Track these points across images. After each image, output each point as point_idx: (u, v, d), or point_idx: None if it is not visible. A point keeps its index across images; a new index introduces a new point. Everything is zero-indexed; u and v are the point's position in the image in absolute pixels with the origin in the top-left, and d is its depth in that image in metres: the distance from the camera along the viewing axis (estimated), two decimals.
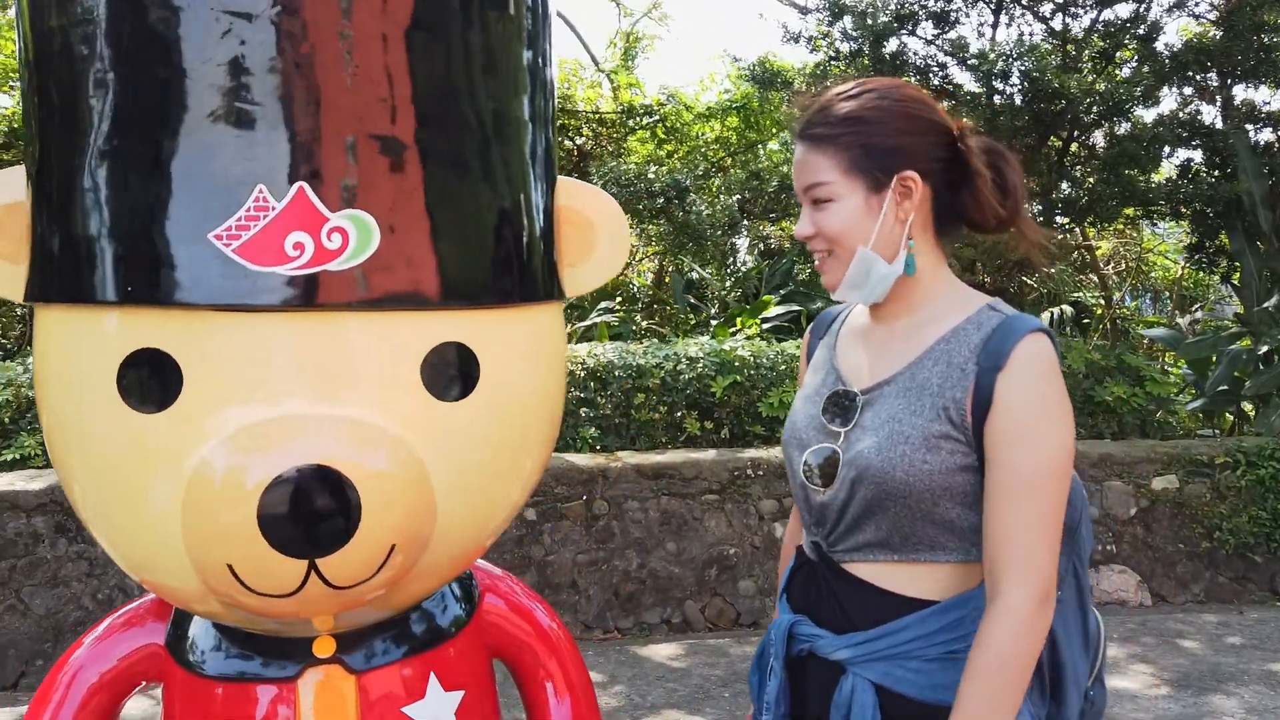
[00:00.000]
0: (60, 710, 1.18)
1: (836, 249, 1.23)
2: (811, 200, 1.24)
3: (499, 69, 1.14)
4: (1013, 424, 1.11)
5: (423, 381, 1.07)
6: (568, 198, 1.34)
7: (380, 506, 1.00)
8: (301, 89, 1.00)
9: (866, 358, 1.28)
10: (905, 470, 1.14)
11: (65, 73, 1.02)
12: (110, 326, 1.02)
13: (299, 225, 0.99)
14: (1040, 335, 1.14)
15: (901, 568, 1.18)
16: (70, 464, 1.07)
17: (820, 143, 1.23)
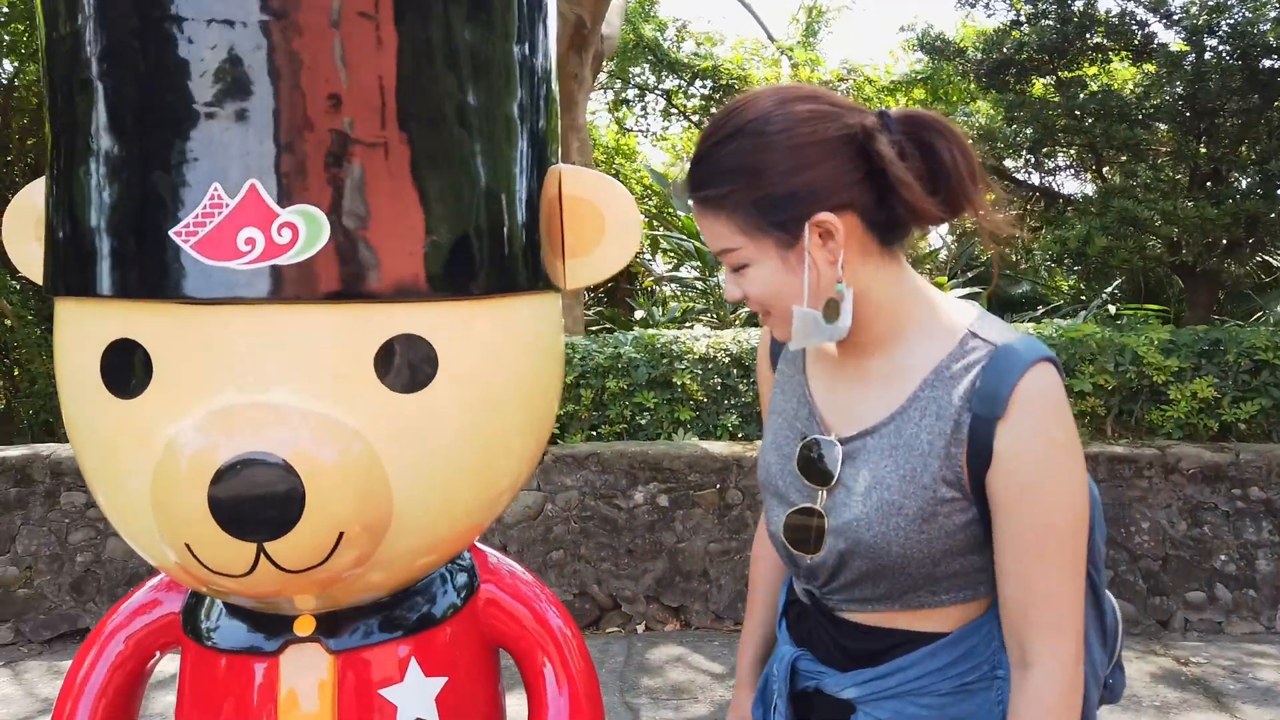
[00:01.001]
0: (91, 675, 1.29)
1: (771, 309, 1.07)
2: (729, 265, 1.09)
3: (460, 60, 1.13)
4: (1022, 479, 0.97)
5: (377, 373, 1.08)
6: (575, 187, 1.32)
7: (326, 495, 1.03)
8: (252, 88, 1.03)
9: (843, 394, 1.13)
10: (901, 545, 1.02)
11: (56, 77, 1.11)
12: (95, 317, 1.10)
13: (251, 221, 1.03)
14: (1042, 367, 0.99)
15: (903, 613, 1.08)
16: (77, 445, 1.17)
17: (709, 205, 1.06)
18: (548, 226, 1.29)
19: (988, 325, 1.06)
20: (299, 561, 1.05)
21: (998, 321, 1.08)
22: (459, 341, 1.13)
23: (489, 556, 1.43)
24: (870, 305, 1.06)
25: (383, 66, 1.07)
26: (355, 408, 1.07)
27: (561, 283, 1.33)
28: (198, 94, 1.03)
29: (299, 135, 1.04)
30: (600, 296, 10.40)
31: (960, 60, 6.50)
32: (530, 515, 4.14)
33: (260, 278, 1.03)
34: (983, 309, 1.11)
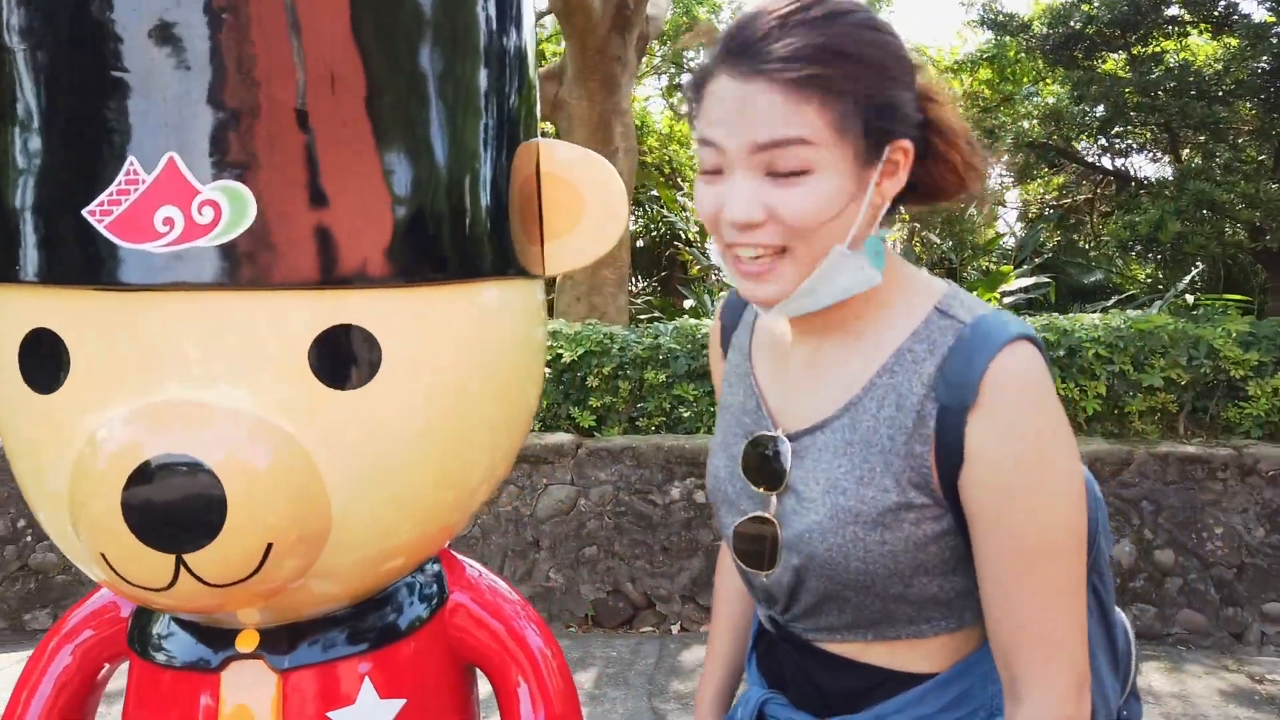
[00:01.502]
0: (38, 687, 1.21)
1: (798, 246, 0.84)
2: (768, 168, 0.83)
3: (412, 22, 1.02)
4: (1001, 481, 0.81)
5: (311, 368, 0.98)
6: (552, 163, 1.21)
7: (251, 502, 0.93)
8: (170, 52, 0.93)
9: (794, 382, 0.97)
10: (860, 557, 0.87)
11: None
12: (12, 304, 1.01)
13: (169, 199, 0.93)
14: (1018, 345, 0.82)
15: (880, 645, 0.92)
16: (4, 444, 1.09)
17: (797, 84, 0.81)
18: (522, 207, 1.17)
19: (958, 302, 0.90)
20: (223, 575, 0.95)
21: (970, 297, 0.92)
22: (406, 332, 1.02)
23: (467, 568, 1.32)
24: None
25: (320, 27, 0.96)
26: (287, 406, 0.97)
27: (539, 267, 1.21)
28: (113, 58, 0.94)
29: (222, 103, 0.94)
30: (654, 285, 10.29)
31: (1025, 36, 6.19)
32: (563, 510, 4.04)
33: (179, 261, 0.93)
34: (956, 285, 0.95)
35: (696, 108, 0.89)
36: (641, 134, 11.18)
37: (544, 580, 4.04)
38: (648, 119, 11.58)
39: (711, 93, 0.86)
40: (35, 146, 0.96)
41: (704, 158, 0.87)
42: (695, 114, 0.90)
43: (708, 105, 0.86)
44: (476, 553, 4.09)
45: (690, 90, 0.91)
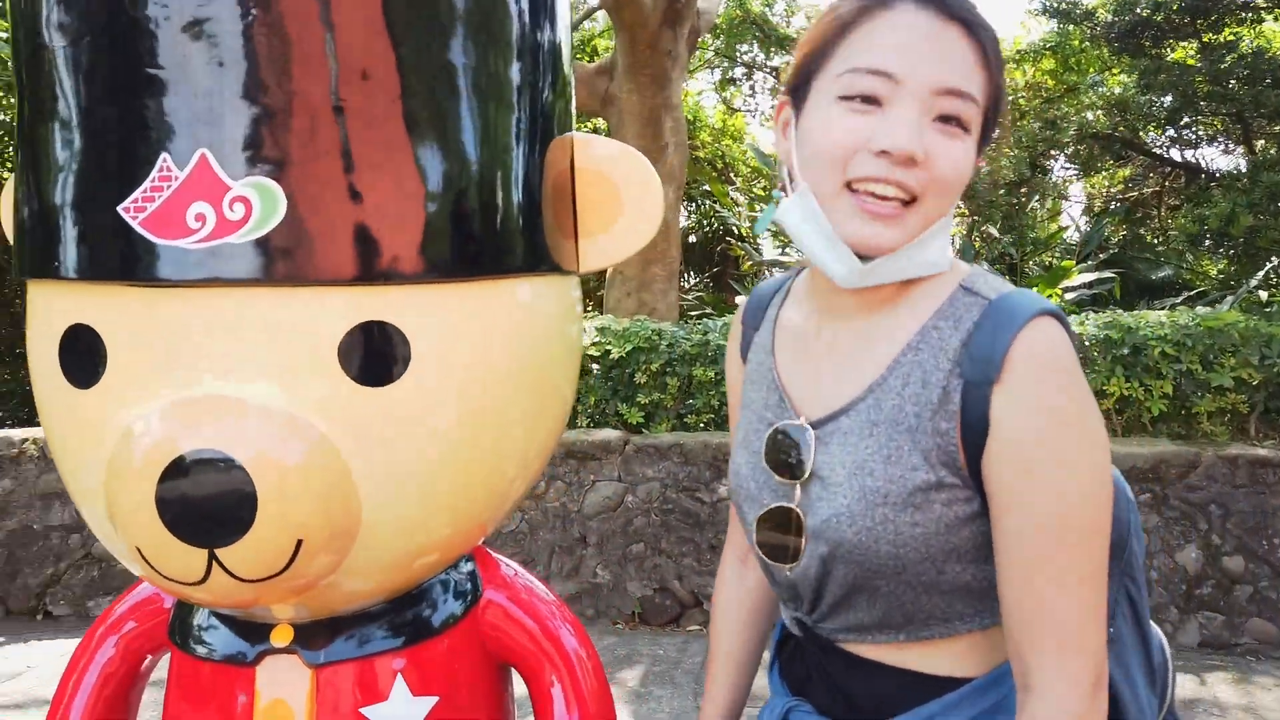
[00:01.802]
0: (83, 679, 1.24)
1: (930, 199, 0.83)
2: (941, 113, 0.83)
3: (441, 17, 1.01)
4: (1022, 457, 0.78)
5: (341, 365, 0.97)
6: (588, 159, 1.19)
7: (281, 498, 0.93)
8: (202, 49, 0.93)
9: (814, 370, 0.95)
10: (892, 540, 0.84)
11: (18, 45, 1.04)
12: (52, 301, 1.03)
13: (201, 195, 0.94)
14: (1044, 321, 0.80)
15: (911, 646, 0.89)
16: (46, 437, 1.11)
17: (983, 36, 0.83)
18: (556, 203, 1.16)
19: (983, 280, 0.88)
20: (254, 570, 0.95)
21: (995, 278, 0.90)
22: (436, 329, 1.02)
23: (502, 566, 1.32)
24: None
25: (351, 23, 0.96)
26: (317, 402, 0.97)
27: (573, 264, 1.20)
28: (147, 55, 0.94)
29: (252, 100, 0.94)
30: (706, 281, 10.24)
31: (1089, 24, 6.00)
32: (610, 506, 4.04)
33: (211, 257, 0.93)
34: (979, 267, 0.92)
35: (845, 38, 0.86)
36: (694, 129, 11.12)
37: (591, 576, 4.04)
38: (700, 113, 11.51)
39: (888, 20, 0.84)
40: (72, 144, 0.97)
41: (860, 85, 0.83)
42: (840, 44, 0.86)
43: (880, 35, 0.84)
44: (524, 548, 4.11)
45: (840, 22, 0.86)
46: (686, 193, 10.26)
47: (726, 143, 11.40)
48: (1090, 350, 4.15)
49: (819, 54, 0.87)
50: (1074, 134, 6.36)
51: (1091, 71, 9.28)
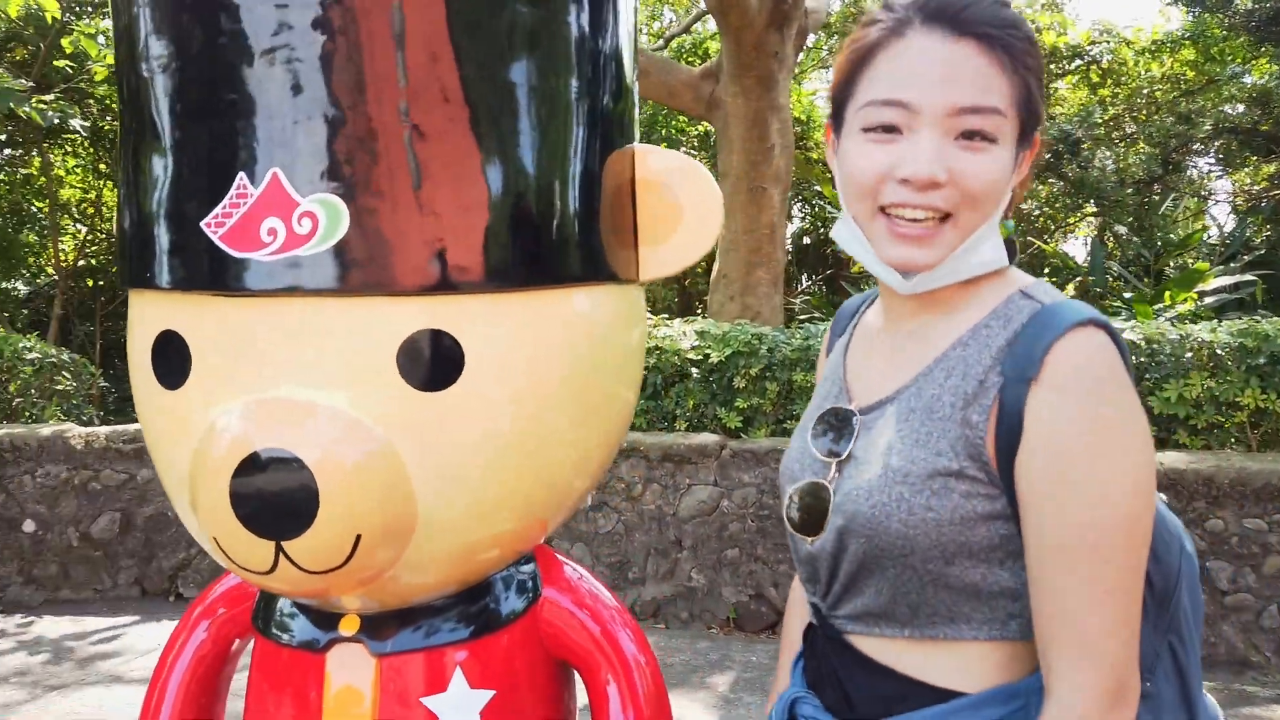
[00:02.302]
0: (177, 661, 1.34)
1: (964, 213, 0.87)
2: (962, 131, 0.86)
3: (499, 37, 1.05)
4: (1055, 461, 0.78)
5: (399, 370, 1.03)
6: (651, 171, 1.22)
7: (341, 495, 0.99)
8: (276, 76, 1.00)
9: (875, 361, 0.99)
10: (903, 520, 0.85)
11: (119, 71, 1.13)
12: (146, 309, 1.12)
13: (273, 211, 1.00)
14: (1090, 329, 0.81)
15: (915, 646, 0.89)
16: (143, 432, 1.21)
17: (998, 49, 0.85)
18: (616, 214, 1.18)
19: (1043, 289, 0.90)
20: (317, 563, 1.01)
21: (1055, 290, 0.91)
22: (490, 337, 1.06)
23: (565, 568, 1.35)
24: None
25: (414, 46, 1.01)
26: (376, 406, 1.03)
27: (633, 273, 1.22)
28: (227, 83, 1.02)
29: (319, 121, 1.00)
30: (818, 284, 10.11)
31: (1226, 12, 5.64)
32: (705, 511, 4.04)
33: (281, 269, 1.00)
34: (1042, 280, 0.94)
35: (866, 69, 0.91)
36: (807, 129, 10.99)
37: (686, 580, 4.06)
38: (814, 113, 11.37)
39: (899, 52, 0.88)
40: (162, 164, 1.06)
41: (879, 116, 0.88)
42: (861, 77, 0.91)
43: (893, 65, 0.88)
44: (619, 549, 4.16)
45: (860, 53, 0.91)
46: (799, 194, 10.14)
47: None
48: (1225, 359, 3.90)
49: (845, 85, 0.92)
50: (1210, 128, 5.97)
51: (1236, 62, 8.70)
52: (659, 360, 4.55)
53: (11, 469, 4.43)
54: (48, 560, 4.43)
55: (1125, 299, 6.75)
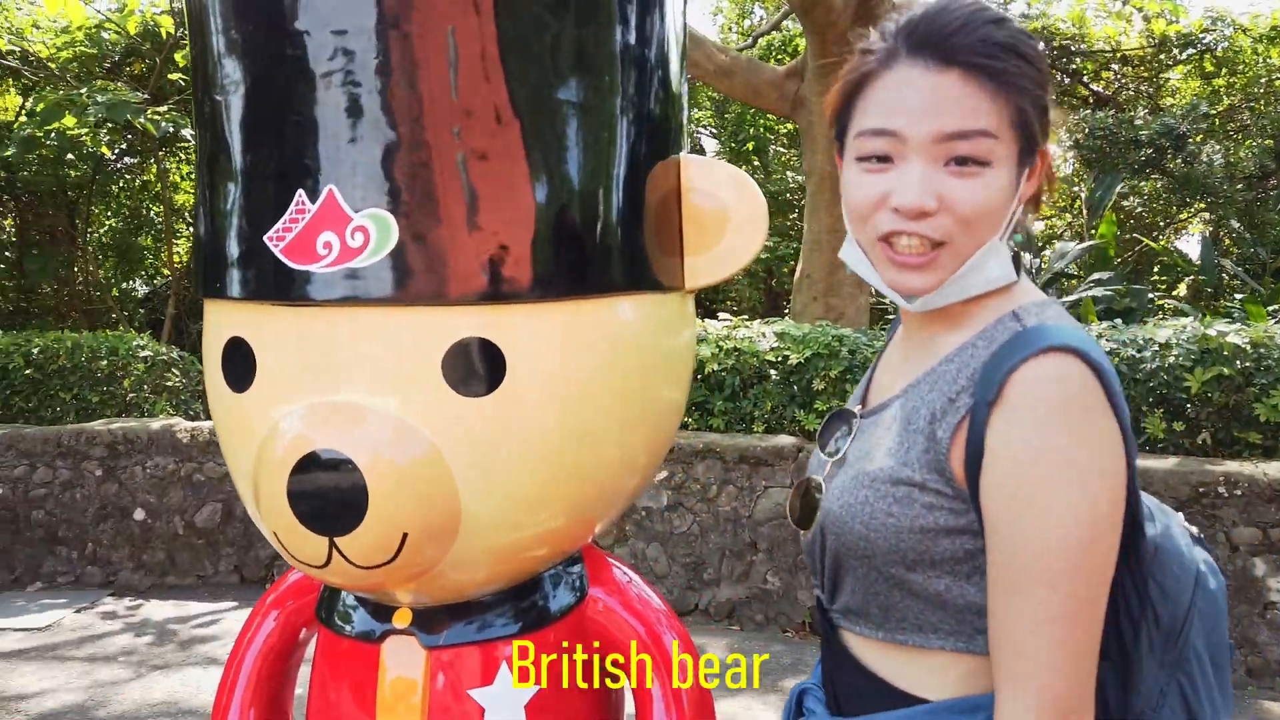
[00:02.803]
0: (248, 649, 1.42)
1: (958, 239, 0.88)
2: (950, 156, 0.87)
3: (544, 55, 1.09)
4: (1005, 484, 0.79)
5: (444, 376, 1.07)
6: (696, 181, 1.25)
7: (389, 495, 1.04)
8: (333, 98, 1.06)
9: (889, 371, 1.03)
10: (864, 521, 0.88)
11: (195, 91, 1.21)
12: (217, 317, 1.20)
13: (329, 225, 1.06)
14: (1057, 355, 0.80)
15: (889, 650, 0.92)
16: (216, 431, 1.29)
17: (981, 75, 0.86)
18: (661, 223, 1.21)
19: (1037, 309, 0.88)
20: (367, 558, 1.07)
21: (1058, 312, 0.89)
22: (531, 344, 1.10)
23: (615, 570, 1.38)
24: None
25: (461, 70, 1.05)
26: (423, 411, 1.07)
27: (678, 281, 1.25)
28: (288, 105, 1.08)
29: (370, 140, 1.05)
30: None
31: None
32: (781, 513, 4.02)
33: (336, 280, 1.06)
34: (1054, 300, 0.93)
35: (859, 99, 0.94)
36: None
37: (761, 583, 4.05)
38: None
39: (888, 83, 0.90)
40: (231, 182, 1.13)
41: (870, 147, 0.91)
42: (855, 107, 0.94)
43: (882, 95, 0.91)
44: (694, 551, 4.17)
45: (853, 84, 0.95)
46: None
47: None
48: None
49: (842, 113, 0.95)
50: None
51: None
52: (737, 362, 4.54)
53: (124, 460, 4.72)
54: (156, 547, 4.70)
55: (1238, 299, 6.41)
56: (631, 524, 4.28)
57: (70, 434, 4.74)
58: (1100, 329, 4.50)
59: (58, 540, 4.70)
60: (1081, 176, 9.66)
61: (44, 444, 4.73)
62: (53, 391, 5.28)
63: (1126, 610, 0.85)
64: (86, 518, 4.70)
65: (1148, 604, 0.85)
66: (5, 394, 5.29)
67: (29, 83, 7.99)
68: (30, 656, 3.66)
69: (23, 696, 3.28)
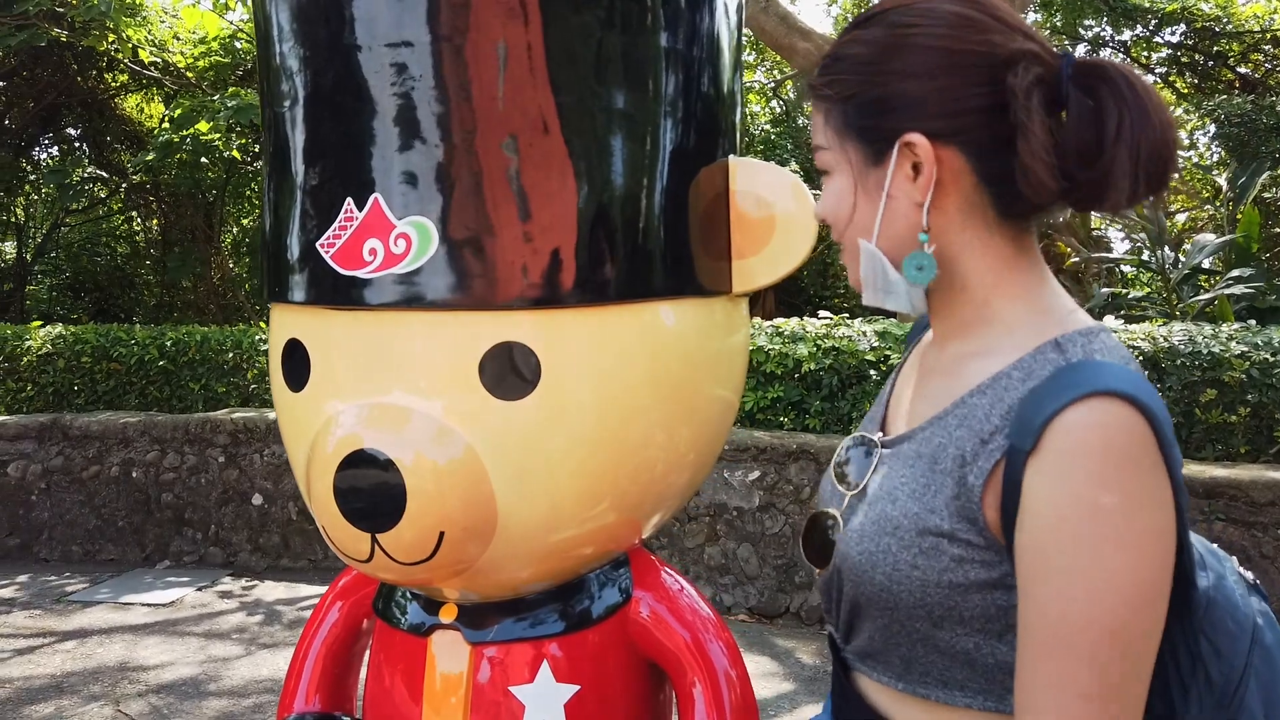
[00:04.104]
0: (314, 638, 1.48)
1: (839, 238, 0.94)
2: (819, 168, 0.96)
3: (584, 65, 1.10)
4: (1042, 543, 0.72)
5: (481, 379, 1.09)
6: (744, 184, 1.24)
7: (426, 494, 1.07)
8: (379, 113, 1.09)
9: (916, 389, 0.94)
10: (886, 574, 0.81)
11: (263, 107, 1.27)
12: (278, 320, 1.25)
13: (374, 233, 1.10)
14: (1106, 401, 0.71)
15: (908, 702, 0.85)
16: (280, 430, 1.35)
17: (814, 95, 0.94)
18: (708, 226, 1.20)
19: (1083, 340, 0.80)
20: (407, 554, 1.10)
21: (1111, 343, 0.81)
22: (567, 349, 1.11)
23: (664, 575, 1.38)
24: (955, 281, 0.86)
25: (505, 82, 1.07)
26: (460, 413, 1.10)
27: (725, 285, 1.23)
28: (341, 116, 1.12)
29: (413, 151, 1.08)
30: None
31: None
32: None
33: (380, 285, 1.09)
34: (1103, 327, 0.83)
35: None
36: None
37: None
38: None
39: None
40: (289, 191, 1.18)
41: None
42: None
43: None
44: (787, 552, 4.12)
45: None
46: None
47: None
48: None
49: None
50: None
51: None
52: (835, 361, 4.46)
53: (245, 448, 5.00)
54: (271, 531, 4.96)
55: None
56: (723, 524, 4.26)
57: (197, 422, 5.05)
58: (1231, 330, 4.21)
59: (184, 522, 5.02)
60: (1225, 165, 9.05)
61: (174, 431, 5.06)
62: (183, 382, 5.64)
63: (1175, 670, 0.77)
64: (210, 501, 4.99)
65: (1199, 663, 0.77)
66: (142, 384, 5.68)
67: (170, 91, 8.53)
68: (154, 630, 3.92)
69: (145, 668, 3.52)
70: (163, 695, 3.27)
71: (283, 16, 1.16)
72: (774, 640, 3.82)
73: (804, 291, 8.45)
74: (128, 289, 10.12)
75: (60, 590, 4.50)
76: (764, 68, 11.71)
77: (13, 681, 3.39)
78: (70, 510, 5.13)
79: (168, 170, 7.63)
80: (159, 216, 9.93)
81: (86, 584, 4.60)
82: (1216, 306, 6.27)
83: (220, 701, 3.23)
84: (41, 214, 10.50)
